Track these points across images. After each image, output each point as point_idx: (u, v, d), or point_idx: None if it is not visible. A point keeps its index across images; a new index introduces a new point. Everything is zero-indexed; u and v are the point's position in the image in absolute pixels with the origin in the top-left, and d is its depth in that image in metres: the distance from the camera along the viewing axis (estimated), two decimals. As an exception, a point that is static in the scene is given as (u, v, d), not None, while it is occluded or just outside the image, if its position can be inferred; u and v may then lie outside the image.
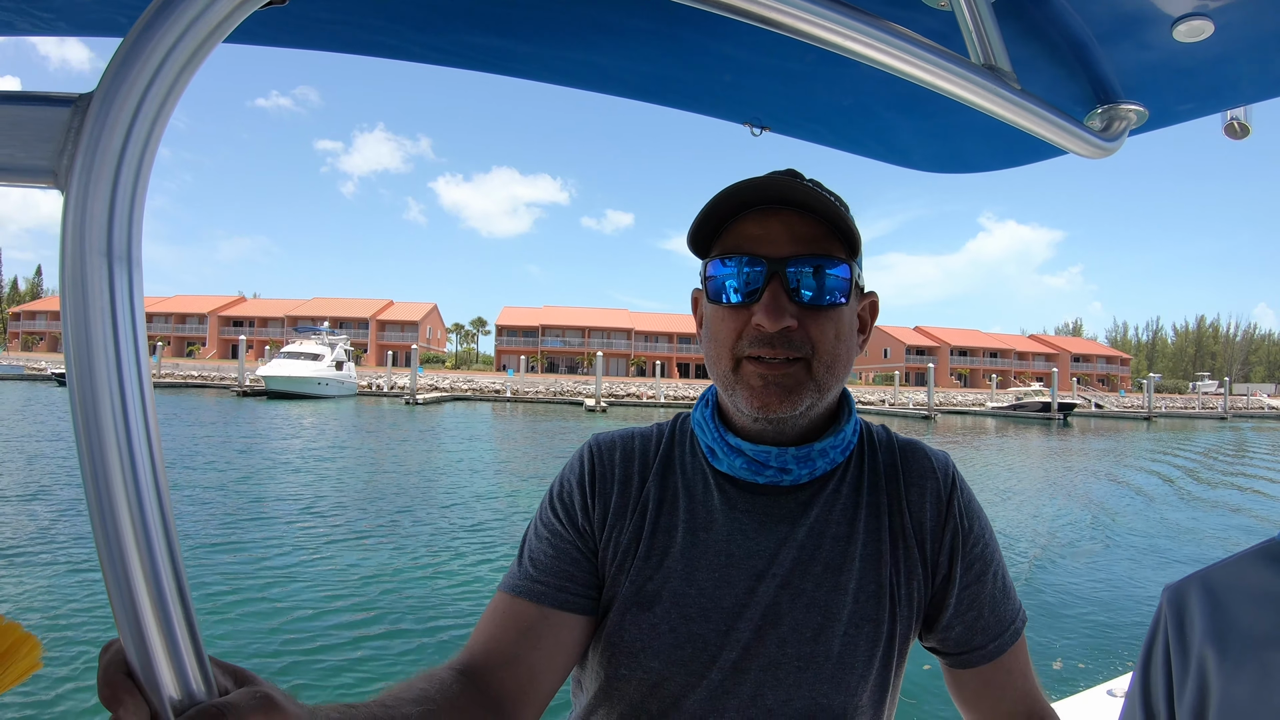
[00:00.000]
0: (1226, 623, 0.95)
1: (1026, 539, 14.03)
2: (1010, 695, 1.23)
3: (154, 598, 0.55)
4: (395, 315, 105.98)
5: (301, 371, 57.32)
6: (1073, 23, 1.07)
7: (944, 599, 1.21)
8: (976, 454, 31.97)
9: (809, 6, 0.81)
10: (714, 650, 1.13)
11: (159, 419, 0.56)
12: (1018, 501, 18.85)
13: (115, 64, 0.55)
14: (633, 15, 1.18)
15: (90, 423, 0.54)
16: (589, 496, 1.24)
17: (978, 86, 0.94)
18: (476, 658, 1.13)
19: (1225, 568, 1.02)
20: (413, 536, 12.31)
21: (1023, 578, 11.11)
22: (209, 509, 13.67)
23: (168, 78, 0.55)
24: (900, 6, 1.06)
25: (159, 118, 0.55)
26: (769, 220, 1.12)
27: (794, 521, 1.18)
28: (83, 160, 0.54)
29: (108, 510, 0.54)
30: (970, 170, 1.69)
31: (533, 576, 1.19)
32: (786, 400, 1.10)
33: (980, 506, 1.28)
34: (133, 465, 0.55)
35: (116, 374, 0.54)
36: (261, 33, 1.21)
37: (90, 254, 0.54)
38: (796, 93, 1.45)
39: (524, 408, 58.47)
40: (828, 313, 1.12)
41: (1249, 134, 1.26)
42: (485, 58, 1.35)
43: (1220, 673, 0.92)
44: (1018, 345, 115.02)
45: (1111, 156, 1.21)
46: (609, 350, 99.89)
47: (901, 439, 1.31)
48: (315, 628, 7.72)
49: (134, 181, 0.55)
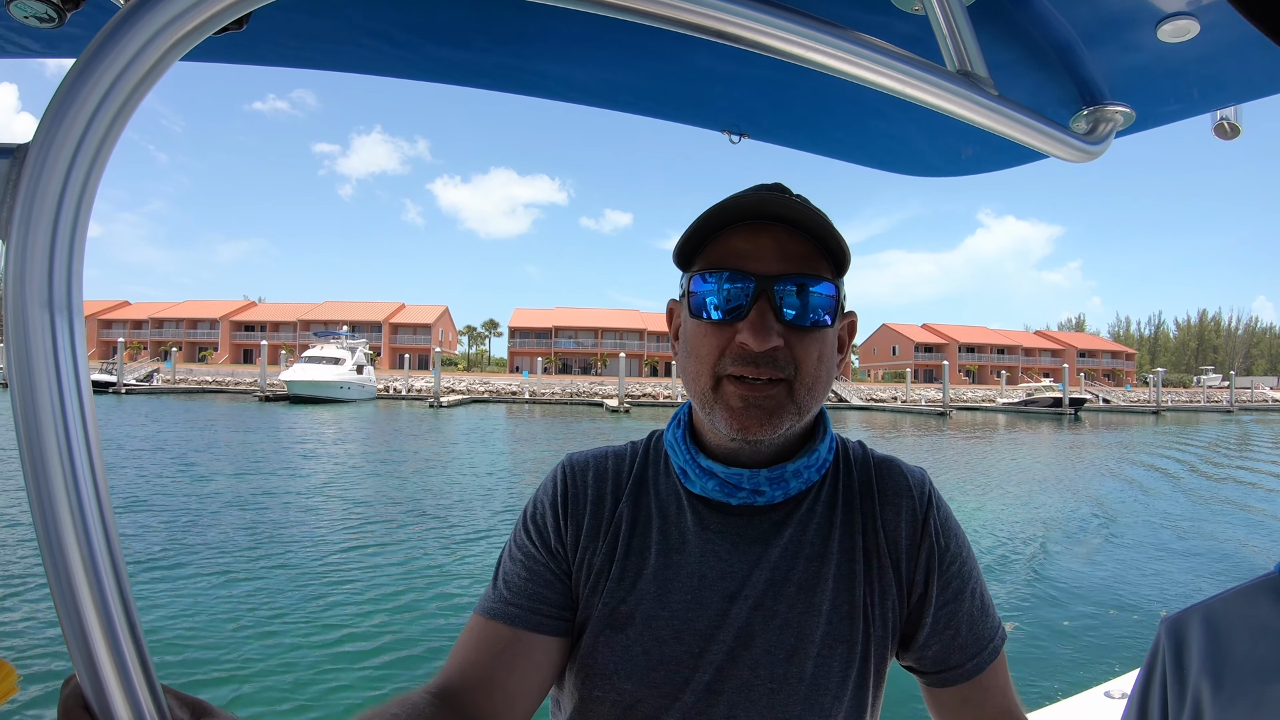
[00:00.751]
0: (1223, 656, 0.94)
1: (1044, 532, 14.10)
2: (990, 712, 1.21)
3: (106, 636, 0.57)
4: (407, 318, 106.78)
5: (324, 376, 57.91)
6: (1054, 25, 1.06)
7: (920, 618, 1.19)
8: (994, 449, 32.35)
9: (781, 24, 0.80)
10: (687, 672, 1.12)
11: (185, 423, 0.57)
12: (1034, 495, 18.88)
13: (50, 113, 0.55)
14: (606, 27, 1.17)
15: (38, 466, 0.55)
16: (561, 518, 1.23)
17: (952, 94, 0.92)
18: (452, 681, 1.13)
19: (1225, 601, 1.00)
20: (418, 542, 12.34)
21: (1034, 573, 11.14)
22: (243, 520, 13.73)
23: (101, 126, 0.55)
24: (874, 13, 1.04)
25: (94, 166, 0.56)
26: (758, 235, 1.09)
27: (767, 542, 1.17)
28: (20, 212, 0.54)
29: (57, 551, 0.55)
30: (953, 174, 1.67)
31: (506, 599, 1.19)
32: (767, 423, 1.08)
33: (958, 524, 1.26)
34: (80, 505, 0.56)
35: (61, 419, 0.55)
36: (222, 54, 1.22)
37: (31, 305, 0.54)
38: (774, 100, 1.44)
39: (547, 410, 58.83)
40: (813, 334, 1.09)
41: (1239, 134, 1.23)
42: (459, 72, 1.35)
43: (1215, 706, 0.91)
44: (1024, 341, 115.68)
45: (1099, 158, 1.18)
46: (621, 351, 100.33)
47: (878, 455, 1.29)
48: (307, 655, 7.59)
49: (71, 230, 0.55)
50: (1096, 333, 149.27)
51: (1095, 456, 29.61)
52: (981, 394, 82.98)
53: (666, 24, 0.77)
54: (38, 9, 0.80)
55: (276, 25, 1.18)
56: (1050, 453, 31.77)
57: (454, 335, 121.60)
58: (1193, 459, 29.03)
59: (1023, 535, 13.95)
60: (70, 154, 0.55)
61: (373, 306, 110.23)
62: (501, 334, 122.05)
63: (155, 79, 0.57)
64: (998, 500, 17.82)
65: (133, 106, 0.56)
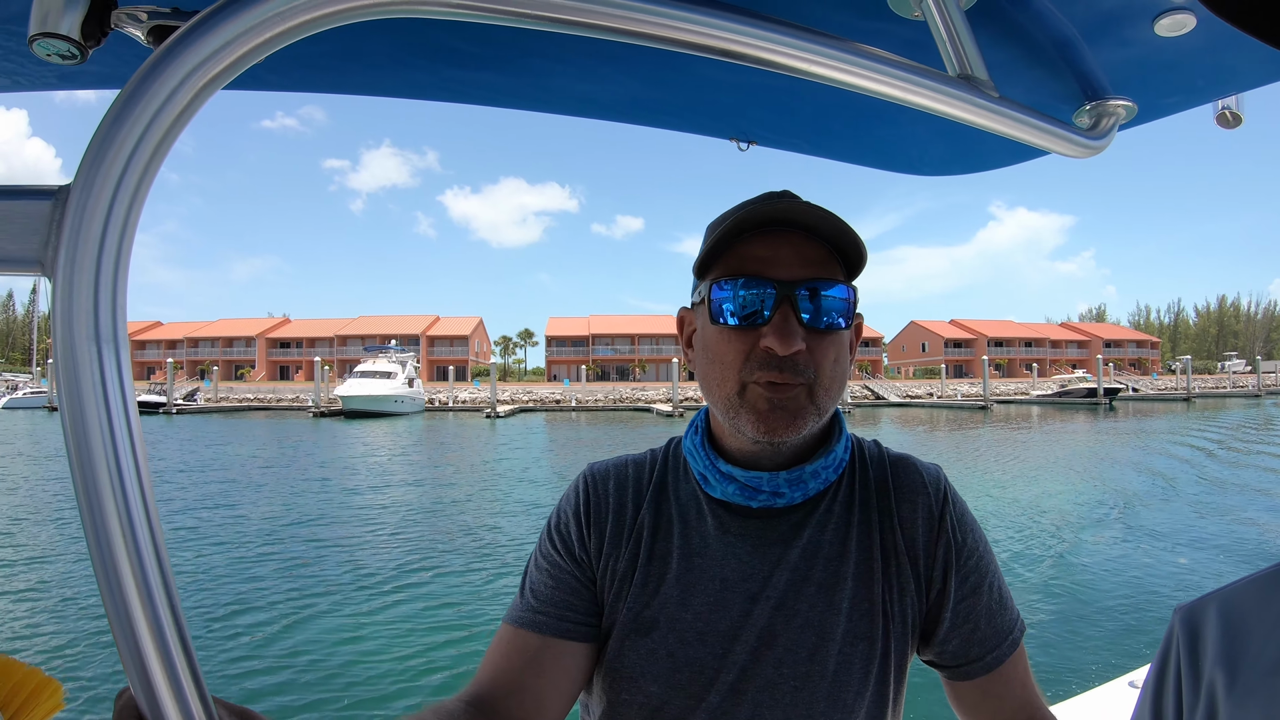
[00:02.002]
0: (1239, 647, 0.92)
1: (1097, 517, 14.62)
2: (1010, 705, 1.22)
3: (159, 649, 0.58)
4: (443, 330, 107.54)
5: (378, 390, 58.22)
6: (1053, 23, 1.07)
7: (939, 613, 1.21)
8: (1044, 439, 33.63)
9: (785, 40, 0.82)
10: (711, 673, 1.14)
11: (250, 441, 0.58)
12: (1090, 482, 19.65)
13: (89, 155, 0.57)
14: (613, 44, 1.18)
15: (90, 491, 0.57)
16: (584, 527, 1.26)
17: (954, 98, 0.94)
18: (484, 689, 1.16)
19: (1241, 589, 0.98)
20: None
21: (1068, 561, 11.35)
22: (312, 535, 14.01)
23: (140, 164, 0.57)
24: (873, 19, 1.06)
25: (134, 203, 0.58)
26: (776, 242, 1.11)
27: (787, 543, 1.19)
28: (66, 251, 0.57)
29: (111, 572, 0.57)
30: (958, 173, 1.68)
31: (534, 608, 1.22)
32: (792, 425, 1.10)
33: (974, 519, 1.28)
34: (132, 529, 0.57)
35: (112, 447, 0.57)
36: (237, 81, 1.24)
37: (79, 339, 0.57)
38: (779, 106, 1.45)
39: (598, 417, 59.21)
40: (831, 337, 1.12)
41: (1241, 123, 1.24)
42: (468, 92, 1.37)
43: (1229, 699, 0.90)
44: (1051, 334, 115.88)
45: (1103, 152, 1.18)
46: (658, 356, 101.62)
47: (893, 454, 1.30)
48: (367, 666, 7.76)
49: (115, 266, 0.57)
50: (1117, 322, 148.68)
51: (1145, 443, 30.74)
52: (1013, 387, 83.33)
53: (672, 45, 0.79)
54: (61, 47, 0.81)
55: (288, 52, 1.17)
56: (1095, 441, 32.74)
57: (487, 346, 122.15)
58: (1242, 445, 29.72)
59: (1089, 518, 14.42)
60: (110, 192, 0.57)
61: (408, 320, 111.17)
62: (537, 343, 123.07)
63: (191, 115, 0.59)
64: (1056, 488, 18.52)
65: (170, 143, 0.59)
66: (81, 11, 0.80)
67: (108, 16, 0.83)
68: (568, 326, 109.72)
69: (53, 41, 0.80)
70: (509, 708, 1.13)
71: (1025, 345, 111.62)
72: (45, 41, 0.80)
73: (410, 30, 1.14)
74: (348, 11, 0.66)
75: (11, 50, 1.09)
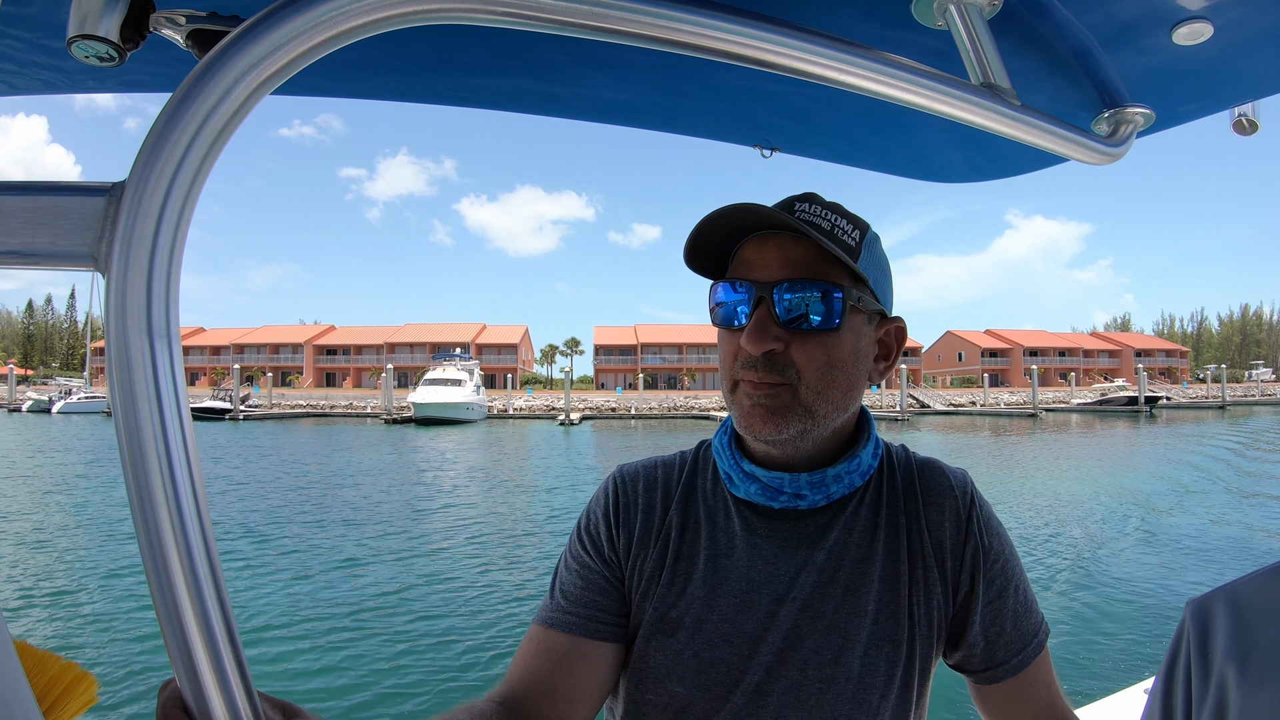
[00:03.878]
0: (1249, 639, 0.93)
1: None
2: (1035, 707, 1.22)
3: (206, 642, 0.59)
4: (491, 338, 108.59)
5: (452, 397, 58.58)
6: (1072, 32, 1.08)
7: (967, 616, 1.21)
8: (1098, 442, 36.43)
9: (811, 48, 0.84)
10: (737, 674, 1.14)
11: (331, 449, 0.60)
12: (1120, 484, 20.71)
13: (144, 154, 0.59)
14: (636, 50, 1.19)
15: (141, 483, 0.58)
16: (614, 527, 1.26)
17: (976, 106, 0.95)
18: (515, 689, 1.17)
19: (1251, 583, 0.99)
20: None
21: (1096, 566, 11.51)
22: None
23: (193, 164, 0.59)
24: (897, 29, 1.07)
25: (187, 202, 0.59)
26: (766, 245, 1.13)
27: (813, 545, 1.19)
28: (120, 246, 0.58)
29: (160, 564, 0.58)
30: (978, 179, 1.69)
31: (563, 608, 1.22)
32: (770, 423, 1.11)
33: (1000, 522, 1.28)
34: (181, 522, 0.58)
35: (163, 439, 0.58)
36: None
37: (132, 333, 0.58)
38: (802, 114, 1.46)
39: (661, 425, 59.68)
40: (818, 337, 1.11)
41: (1258, 129, 1.24)
42: (489, 98, 1.38)
43: (1240, 691, 0.90)
44: (1084, 344, 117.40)
45: (1121, 159, 1.19)
46: (706, 365, 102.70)
47: (919, 458, 1.30)
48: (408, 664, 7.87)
49: (168, 263, 0.59)
50: (1141, 331, 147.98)
51: (1200, 446, 32.94)
52: (1052, 395, 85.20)
53: (698, 52, 0.81)
54: (99, 49, 0.81)
55: (323, 60, 1.19)
56: (1155, 443, 35.48)
57: (531, 355, 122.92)
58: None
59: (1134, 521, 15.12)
60: (164, 190, 0.58)
61: (457, 328, 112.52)
62: (583, 352, 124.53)
63: (243, 117, 0.61)
64: (1132, 484, 20.14)
65: (223, 142, 0.60)
66: (121, 14, 0.81)
67: (146, 20, 0.85)
68: (614, 335, 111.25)
69: (91, 44, 0.81)
70: (538, 708, 1.14)
71: (1059, 355, 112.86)
72: (84, 44, 0.81)
73: (437, 36, 1.15)
74: (394, 18, 0.67)
75: (50, 51, 1.11)
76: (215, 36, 0.88)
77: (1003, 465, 27.28)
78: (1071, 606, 9.59)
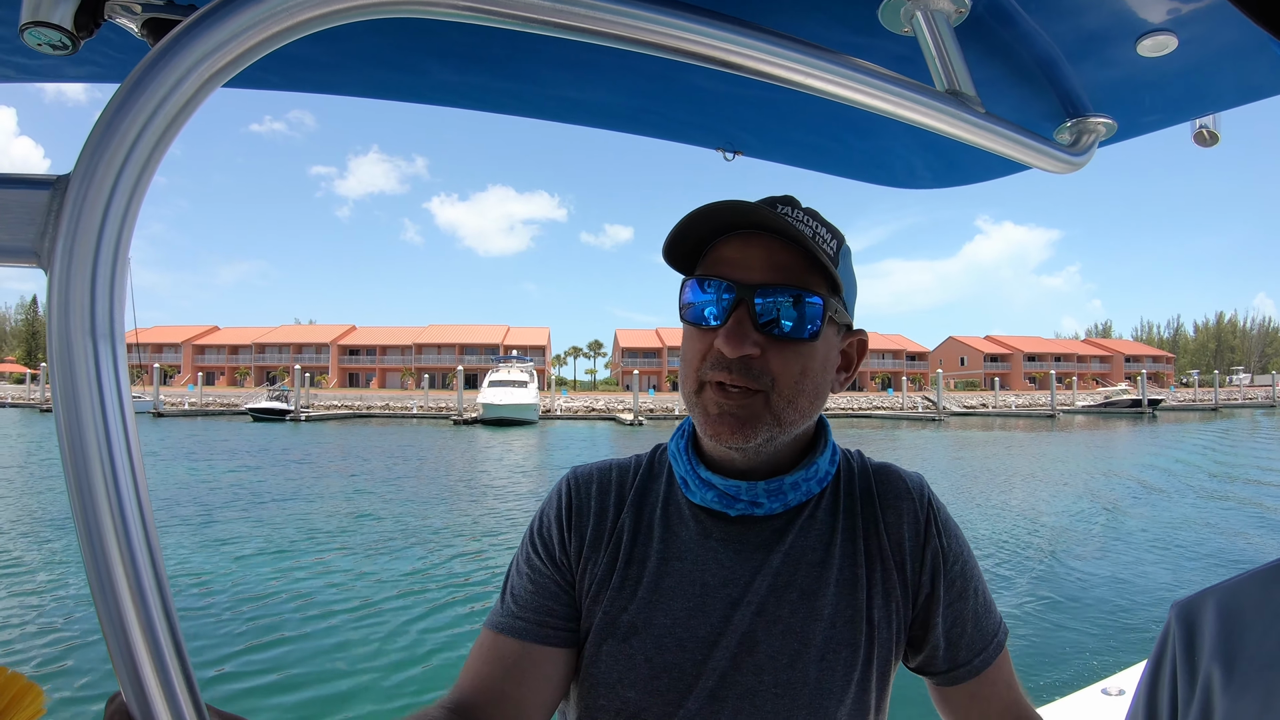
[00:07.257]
0: (1235, 642, 0.92)
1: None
2: (997, 706, 1.23)
3: (151, 652, 0.58)
4: (517, 340, 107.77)
5: (520, 399, 58.25)
6: (1038, 42, 1.09)
7: (929, 619, 1.20)
8: (1120, 438, 41.84)
9: (776, 51, 0.84)
10: (690, 679, 1.12)
11: (358, 446, 0.58)
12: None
13: (90, 146, 0.57)
14: (602, 50, 1.15)
15: (83, 487, 0.57)
16: (565, 530, 1.24)
17: (941, 112, 0.96)
18: (465, 695, 1.15)
19: (1239, 585, 0.98)
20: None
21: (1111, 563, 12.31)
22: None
23: (141, 156, 0.57)
24: (864, 34, 1.07)
25: (134, 196, 0.57)
26: (750, 245, 1.10)
27: (769, 549, 1.17)
28: (64, 242, 0.56)
29: (104, 573, 0.57)
30: (942, 186, 1.70)
31: (514, 613, 1.20)
32: (739, 432, 1.09)
33: (957, 525, 1.28)
34: (125, 528, 0.57)
35: (106, 444, 0.57)
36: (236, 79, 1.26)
37: (75, 333, 0.56)
38: (767, 118, 1.46)
39: None
40: (795, 346, 1.09)
41: (1218, 141, 1.26)
42: (451, 95, 1.37)
43: (1225, 694, 0.90)
44: (1078, 349, 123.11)
45: (1083, 168, 1.21)
46: None
47: (875, 463, 1.30)
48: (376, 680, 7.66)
49: (113, 260, 0.57)
50: (1120, 337, 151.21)
51: (1198, 441, 38.05)
52: (1059, 398, 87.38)
53: (665, 53, 0.81)
54: (52, 36, 0.80)
55: (282, 51, 1.15)
56: (1174, 438, 40.60)
57: (551, 357, 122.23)
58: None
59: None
60: (110, 184, 0.56)
61: (484, 330, 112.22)
62: (605, 354, 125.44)
63: (193, 110, 0.59)
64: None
65: (172, 136, 0.58)
66: (75, 1, 0.80)
67: (101, 7, 0.83)
68: (637, 338, 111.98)
69: (44, 31, 0.79)
70: (489, 715, 1.12)
71: (1055, 360, 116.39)
72: (37, 30, 0.79)
73: (402, 32, 1.14)
74: (350, 10, 0.66)
75: (0, 40, 1.08)
76: (170, 26, 0.84)
77: (1074, 455, 31.59)
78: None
